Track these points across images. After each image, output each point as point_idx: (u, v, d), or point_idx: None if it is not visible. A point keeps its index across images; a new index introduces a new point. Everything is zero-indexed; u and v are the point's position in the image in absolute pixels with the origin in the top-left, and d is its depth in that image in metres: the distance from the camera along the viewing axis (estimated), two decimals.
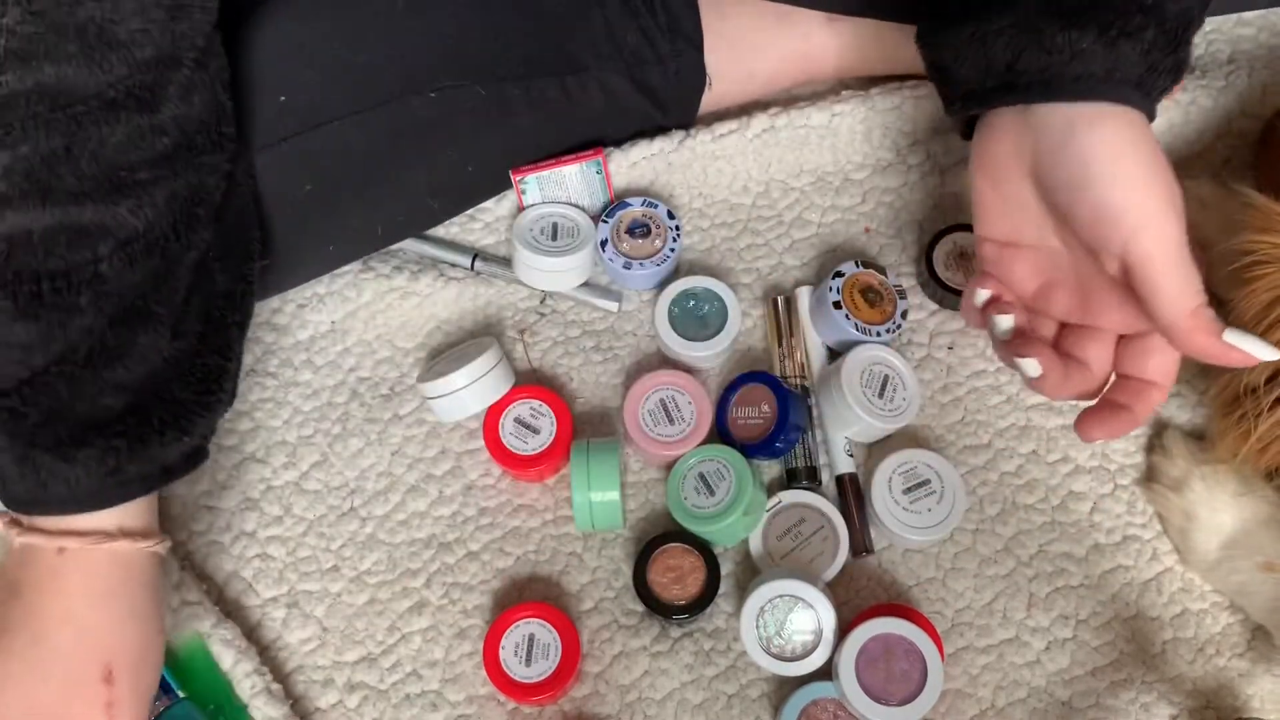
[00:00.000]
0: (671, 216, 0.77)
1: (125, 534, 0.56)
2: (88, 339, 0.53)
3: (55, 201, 0.51)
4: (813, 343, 0.75)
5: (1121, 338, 0.58)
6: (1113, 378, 0.59)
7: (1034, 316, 0.60)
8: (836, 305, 0.73)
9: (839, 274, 0.74)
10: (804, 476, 0.71)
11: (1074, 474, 0.73)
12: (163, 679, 0.65)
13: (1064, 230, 0.57)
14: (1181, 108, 0.79)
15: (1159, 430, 0.73)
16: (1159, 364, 0.57)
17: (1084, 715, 0.68)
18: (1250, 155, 0.79)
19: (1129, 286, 0.54)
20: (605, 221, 0.76)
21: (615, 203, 0.77)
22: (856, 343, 0.72)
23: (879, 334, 0.72)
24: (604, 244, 0.76)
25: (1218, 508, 0.68)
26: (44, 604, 0.54)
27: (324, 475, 0.74)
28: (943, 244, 0.76)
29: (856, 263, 0.74)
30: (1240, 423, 0.61)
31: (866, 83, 0.82)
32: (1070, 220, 0.55)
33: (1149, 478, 0.72)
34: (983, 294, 0.60)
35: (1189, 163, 0.80)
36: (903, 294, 0.74)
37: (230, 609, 0.71)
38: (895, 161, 0.81)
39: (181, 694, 0.66)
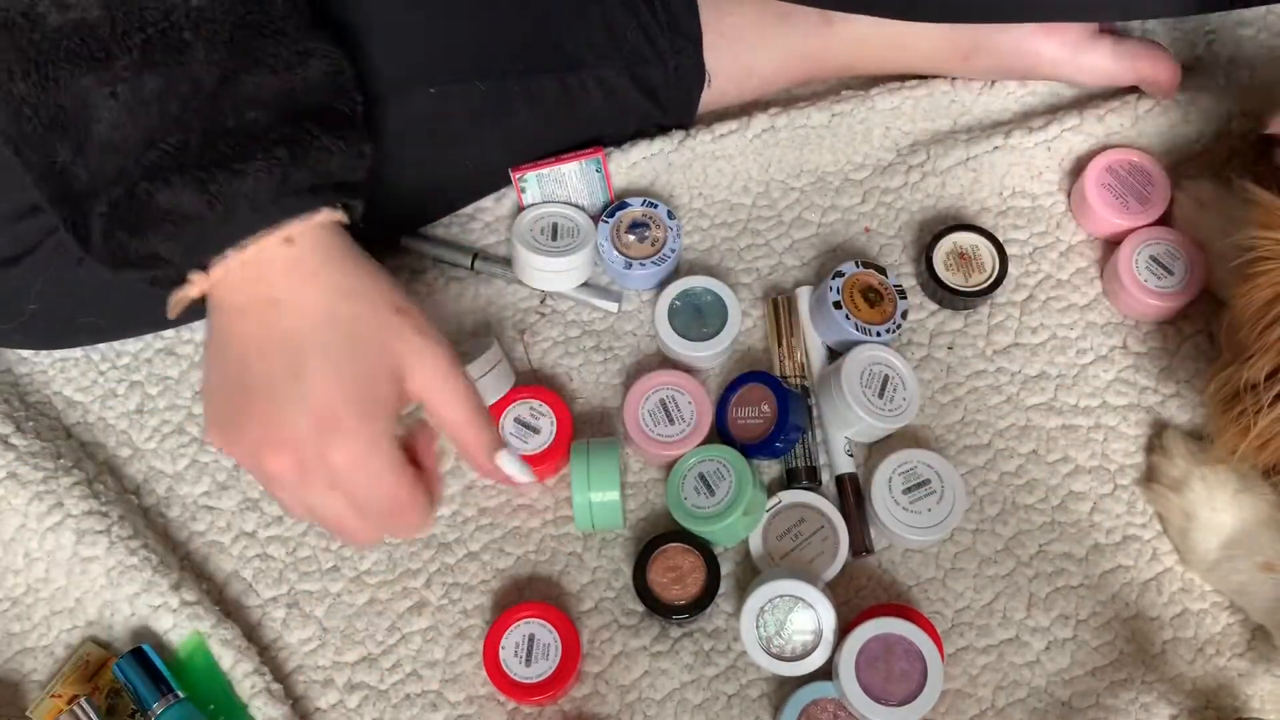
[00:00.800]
0: (671, 216, 0.76)
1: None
2: (211, 69, 0.53)
3: None
4: (813, 343, 0.75)
5: None
6: None
7: None
8: (837, 305, 0.73)
9: (839, 274, 0.74)
10: (804, 476, 0.71)
11: (1074, 474, 0.73)
12: (163, 679, 0.66)
13: None
14: (1181, 108, 0.79)
15: (1159, 430, 0.73)
16: None
17: (1084, 715, 0.68)
18: (1252, 154, 0.78)
19: None
20: (605, 221, 0.76)
21: (615, 202, 0.77)
22: (856, 343, 0.72)
23: (879, 334, 0.72)
24: (604, 243, 0.76)
25: (1217, 508, 0.68)
26: (303, 293, 0.54)
27: None
28: (942, 244, 0.76)
29: (857, 263, 0.74)
30: (1240, 419, 0.61)
31: (866, 83, 0.82)
32: None
33: (1149, 478, 0.72)
34: None
35: (1189, 162, 0.80)
36: (903, 294, 0.74)
37: (230, 609, 0.71)
38: (895, 161, 0.81)
39: (181, 694, 0.66)
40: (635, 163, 0.78)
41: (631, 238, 0.76)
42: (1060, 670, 0.69)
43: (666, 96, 0.77)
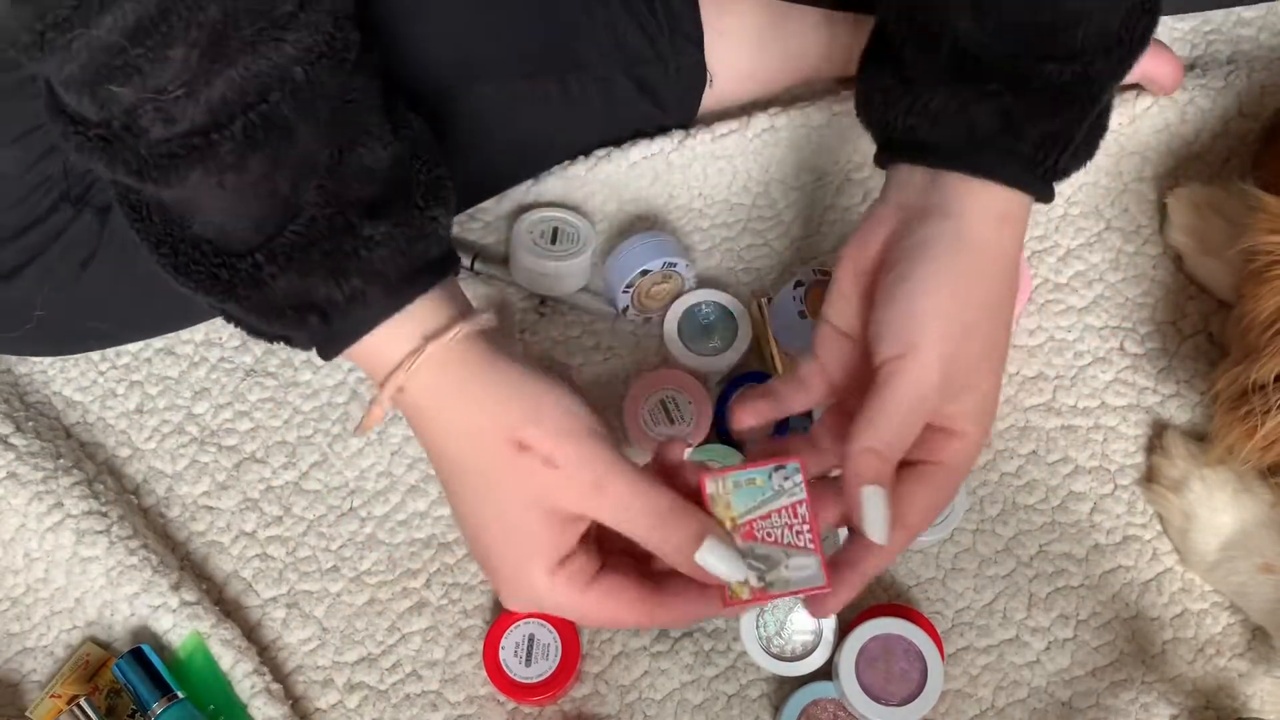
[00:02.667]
0: (685, 259, 0.75)
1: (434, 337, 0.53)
2: (320, 144, 0.51)
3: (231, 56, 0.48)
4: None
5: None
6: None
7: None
8: (802, 315, 0.72)
9: (799, 284, 0.73)
10: None
11: (1074, 475, 0.73)
12: (162, 679, 0.65)
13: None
14: (1179, 107, 0.79)
15: (1159, 431, 0.73)
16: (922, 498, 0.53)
17: (1084, 715, 0.68)
18: (1250, 156, 0.79)
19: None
20: (626, 292, 0.74)
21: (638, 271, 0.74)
22: None
23: None
24: (626, 310, 0.75)
25: (1217, 509, 0.68)
26: (429, 438, 0.53)
27: (324, 475, 0.74)
28: None
29: (814, 270, 0.74)
30: (1246, 419, 0.61)
31: None
32: (875, 304, 0.52)
33: (1149, 478, 0.72)
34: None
35: (1187, 163, 0.80)
36: None
37: (230, 609, 0.71)
38: None
39: (181, 694, 0.65)
40: (635, 163, 0.78)
41: (651, 295, 0.75)
42: (1060, 670, 0.69)
43: (667, 97, 0.77)
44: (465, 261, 0.77)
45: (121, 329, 0.75)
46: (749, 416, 0.56)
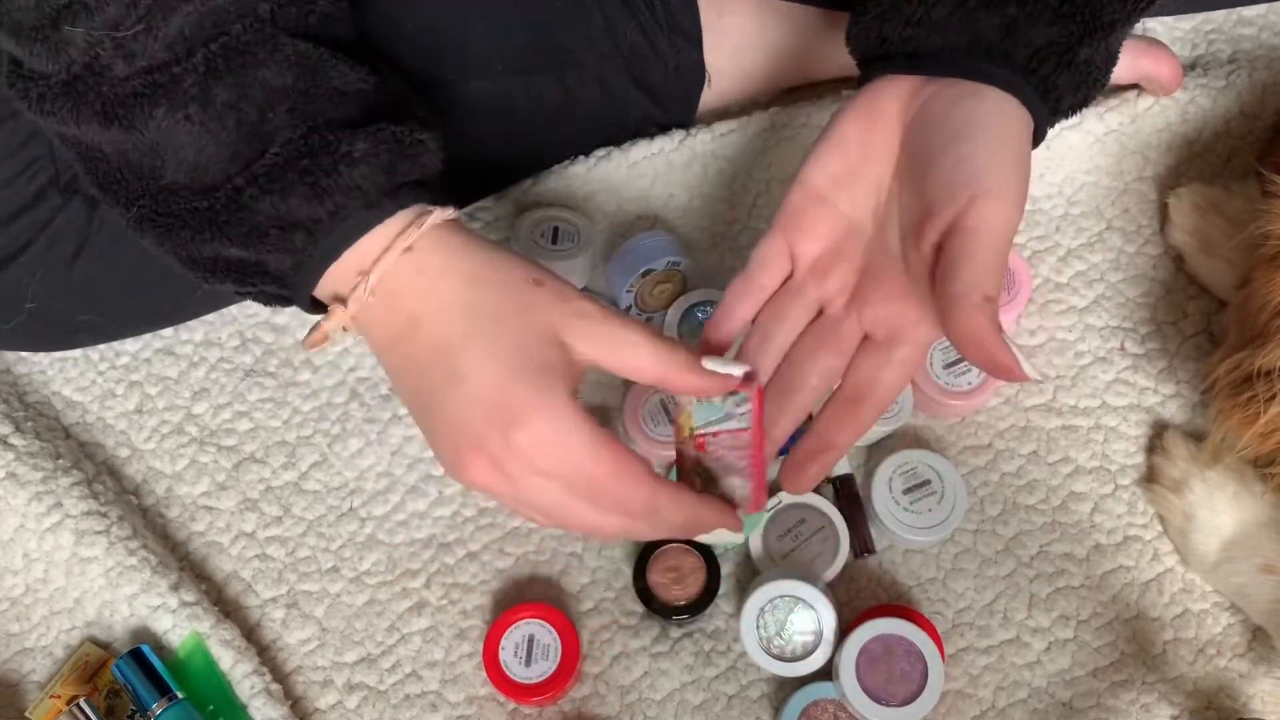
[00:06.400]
0: (688, 258, 0.75)
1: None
2: (283, 73, 0.51)
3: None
4: None
5: (865, 342, 0.56)
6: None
7: (798, 289, 0.57)
8: None
9: None
10: None
11: (1074, 475, 0.73)
12: (161, 679, 0.65)
13: (901, 195, 0.54)
14: (1180, 107, 0.79)
15: (1159, 431, 0.73)
16: (889, 380, 0.55)
17: (1085, 716, 0.68)
18: (1259, 149, 0.78)
19: (925, 270, 0.52)
20: (629, 291, 0.74)
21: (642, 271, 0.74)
22: None
23: None
24: (628, 309, 0.75)
25: (1217, 509, 0.68)
26: (435, 296, 0.52)
27: (323, 475, 0.74)
28: None
29: None
30: (1249, 405, 0.60)
31: None
32: (927, 177, 0.52)
33: (1149, 478, 0.72)
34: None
35: (1188, 163, 0.79)
36: None
37: (229, 609, 0.71)
38: None
39: (180, 694, 0.65)
40: (635, 162, 0.77)
41: (654, 295, 0.75)
42: (1061, 671, 0.69)
43: (666, 96, 0.77)
44: None
45: (113, 323, 0.74)
46: (727, 323, 0.56)
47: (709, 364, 0.53)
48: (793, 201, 0.56)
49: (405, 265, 0.52)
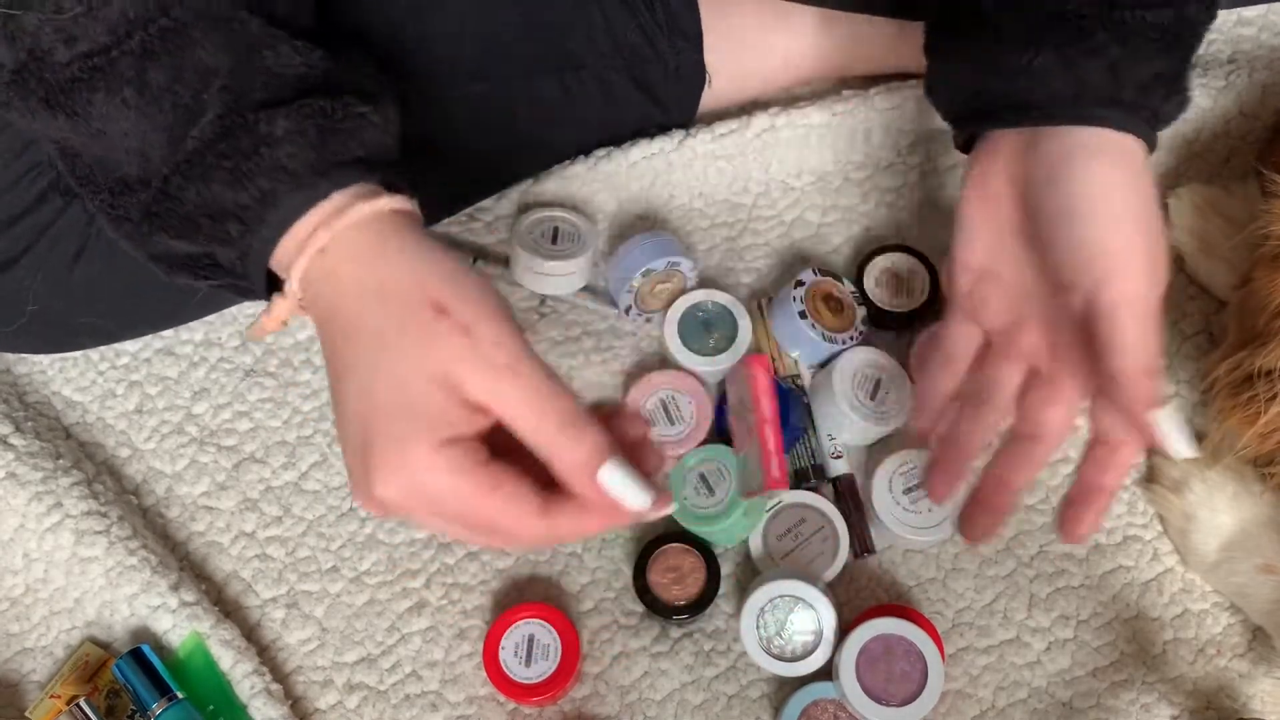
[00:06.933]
0: (688, 258, 0.75)
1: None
2: (219, 55, 0.49)
3: None
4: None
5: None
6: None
7: (1000, 357, 0.59)
8: (802, 315, 0.72)
9: (800, 283, 0.73)
10: (811, 475, 0.71)
11: (1074, 474, 0.72)
12: (161, 679, 0.65)
13: (1042, 263, 0.55)
14: None
15: None
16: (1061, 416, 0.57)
17: (1085, 716, 0.68)
18: (1259, 148, 0.78)
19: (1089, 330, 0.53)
20: (629, 291, 0.74)
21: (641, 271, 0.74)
22: (831, 351, 0.72)
23: (845, 340, 0.72)
24: (628, 309, 0.75)
25: (1217, 509, 0.68)
26: (340, 304, 0.48)
27: (323, 475, 0.74)
28: (873, 264, 0.76)
29: (814, 270, 0.74)
30: (1249, 405, 0.61)
31: (866, 82, 0.82)
32: (1049, 251, 0.54)
33: (1149, 478, 0.72)
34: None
35: (1188, 163, 0.79)
36: (860, 299, 0.74)
37: (229, 609, 0.71)
38: (895, 161, 0.80)
39: (180, 694, 0.65)
40: (635, 162, 0.77)
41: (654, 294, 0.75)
42: (1061, 671, 0.69)
43: (666, 96, 0.77)
44: (466, 261, 0.77)
45: (114, 324, 0.74)
46: (942, 379, 0.60)
47: (609, 473, 0.46)
48: (960, 284, 0.59)
49: (318, 267, 0.48)
